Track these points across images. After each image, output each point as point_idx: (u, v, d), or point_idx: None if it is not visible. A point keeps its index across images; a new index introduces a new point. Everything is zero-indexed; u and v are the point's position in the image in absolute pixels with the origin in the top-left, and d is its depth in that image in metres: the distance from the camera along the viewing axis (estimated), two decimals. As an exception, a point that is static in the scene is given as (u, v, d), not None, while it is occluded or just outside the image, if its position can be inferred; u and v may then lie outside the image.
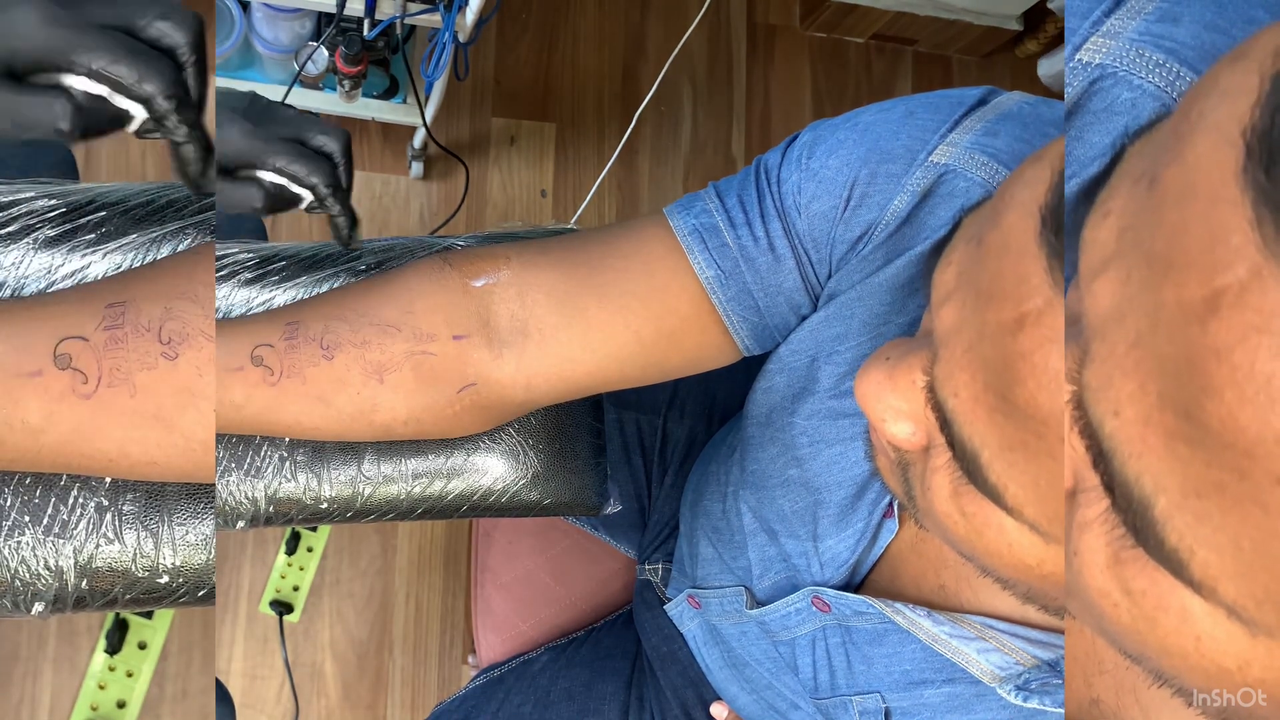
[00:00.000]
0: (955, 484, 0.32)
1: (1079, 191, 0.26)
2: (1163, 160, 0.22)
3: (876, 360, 0.34)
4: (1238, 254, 0.19)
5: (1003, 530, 0.31)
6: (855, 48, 1.79)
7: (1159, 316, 0.21)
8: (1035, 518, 0.29)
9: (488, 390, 0.52)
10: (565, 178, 1.61)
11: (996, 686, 0.45)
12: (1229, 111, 0.20)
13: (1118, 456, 0.23)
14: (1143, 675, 0.40)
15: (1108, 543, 0.24)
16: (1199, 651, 0.24)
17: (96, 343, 0.42)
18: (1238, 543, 0.20)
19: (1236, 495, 0.20)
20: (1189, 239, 0.20)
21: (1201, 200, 0.20)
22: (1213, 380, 0.20)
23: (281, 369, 0.49)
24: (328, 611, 1.39)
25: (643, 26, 1.69)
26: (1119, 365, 0.22)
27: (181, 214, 0.56)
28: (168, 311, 0.43)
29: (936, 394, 0.31)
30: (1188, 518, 0.21)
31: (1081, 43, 0.39)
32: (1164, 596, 0.23)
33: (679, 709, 0.76)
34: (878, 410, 0.34)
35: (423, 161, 1.49)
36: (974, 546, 0.33)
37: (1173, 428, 0.21)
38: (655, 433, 0.85)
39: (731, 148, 1.69)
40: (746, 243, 0.50)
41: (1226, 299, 0.19)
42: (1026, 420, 0.27)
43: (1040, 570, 0.31)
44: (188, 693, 1.30)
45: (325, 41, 1.20)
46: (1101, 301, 0.23)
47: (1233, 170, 0.20)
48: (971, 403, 0.29)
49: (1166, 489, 0.22)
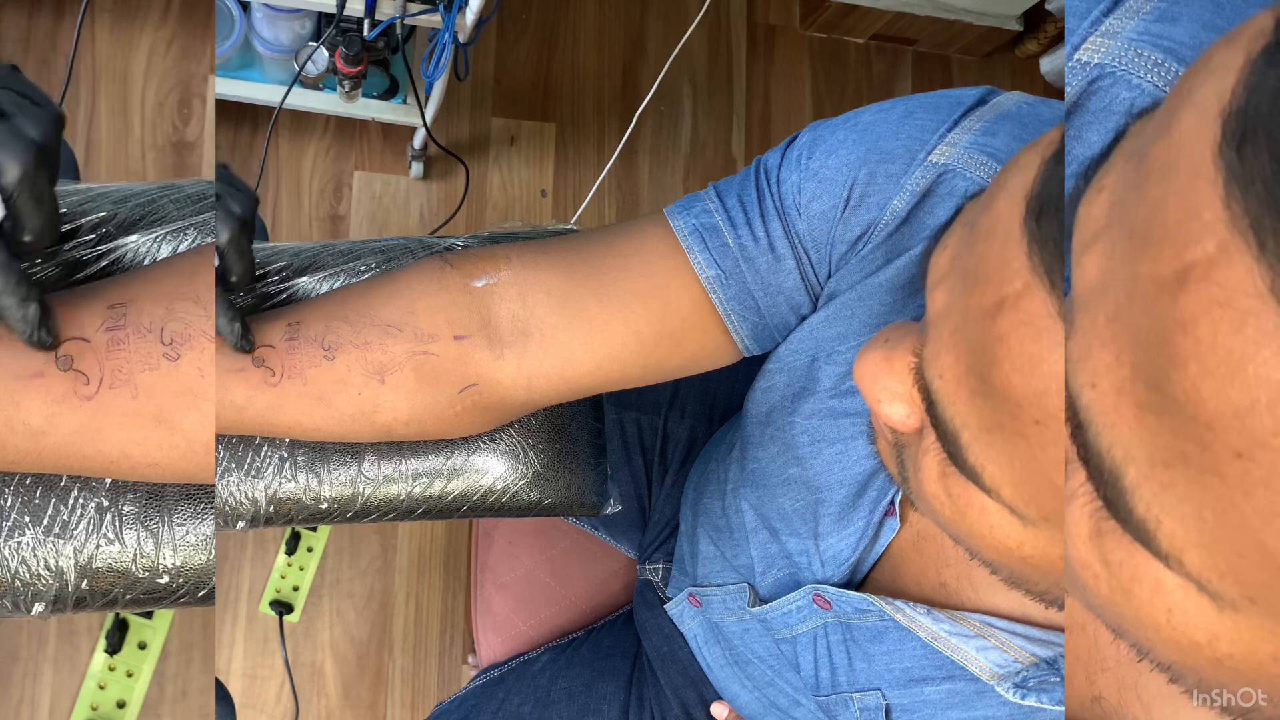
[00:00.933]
0: (943, 465, 0.33)
1: (1080, 171, 0.27)
2: (1152, 136, 0.23)
3: (875, 342, 0.35)
4: (1208, 229, 0.19)
5: (985, 511, 0.31)
6: (855, 48, 1.79)
7: (1135, 289, 0.21)
8: (1012, 499, 0.29)
9: (489, 390, 0.52)
10: (565, 178, 1.61)
11: (995, 684, 0.45)
12: (1214, 89, 0.21)
13: (1093, 427, 0.23)
14: (1144, 672, 0.40)
15: (1090, 514, 0.25)
16: (1170, 624, 0.24)
17: (98, 344, 0.42)
18: (1200, 513, 0.21)
19: (1199, 466, 0.20)
20: (1167, 214, 0.21)
21: (1181, 176, 0.21)
22: (1179, 352, 0.20)
23: (283, 370, 0.49)
24: (328, 611, 1.39)
25: (643, 26, 1.69)
26: (1098, 337, 0.23)
27: (182, 214, 0.56)
28: (169, 312, 0.43)
29: (924, 375, 0.31)
30: (1154, 487, 0.22)
31: (1080, 42, 0.39)
32: (1139, 568, 0.24)
33: (679, 709, 0.76)
34: (874, 391, 0.34)
35: (423, 161, 1.49)
36: (959, 528, 0.34)
37: (1143, 399, 0.21)
38: (656, 432, 0.86)
39: (731, 148, 1.69)
40: (747, 243, 0.50)
41: (1195, 273, 0.20)
42: (1002, 402, 0.27)
43: (1020, 553, 0.31)
44: (188, 693, 1.30)
45: (325, 41, 1.20)
46: (1088, 274, 0.24)
47: (1210, 147, 0.20)
48: (955, 384, 0.29)
49: (1135, 459, 0.22)
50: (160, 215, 0.55)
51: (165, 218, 0.55)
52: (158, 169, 1.43)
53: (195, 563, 0.55)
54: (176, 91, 1.45)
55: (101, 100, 1.42)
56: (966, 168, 0.45)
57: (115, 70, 1.43)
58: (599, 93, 1.65)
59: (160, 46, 1.45)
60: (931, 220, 0.46)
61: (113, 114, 1.42)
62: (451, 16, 1.09)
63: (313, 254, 0.60)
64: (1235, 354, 0.19)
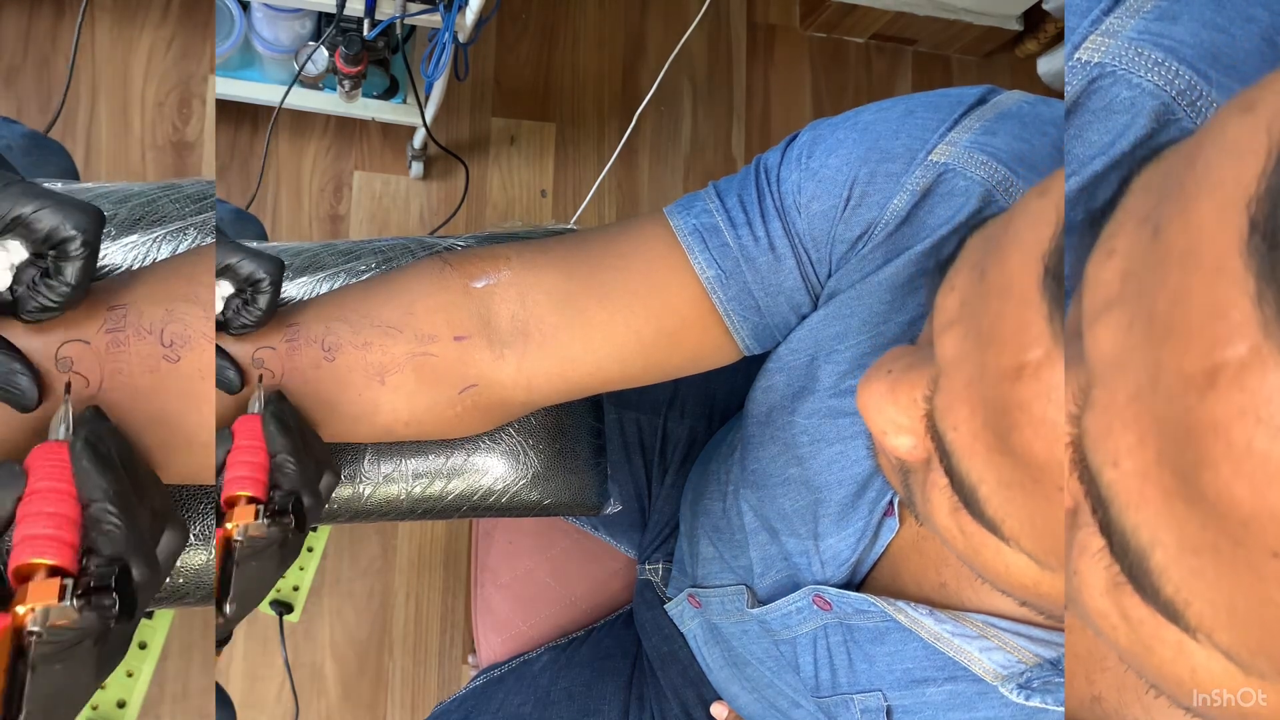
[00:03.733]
0: (954, 504, 0.32)
1: (1083, 220, 0.26)
2: (1167, 210, 0.22)
3: (878, 371, 0.34)
4: (1238, 331, 0.19)
5: (1000, 553, 0.31)
6: (855, 48, 1.79)
7: (1159, 378, 0.21)
8: (1033, 550, 0.29)
9: (489, 391, 0.52)
10: (565, 178, 1.61)
11: (999, 685, 0.45)
12: (1234, 174, 0.20)
13: (1115, 505, 0.23)
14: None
15: (1106, 568, 0.24)
16: (1194, 680, 0.24)
17: (98, 346, 0.42)
18: (1232, 602, 0.20)
19: (1232, 560, 0.20)
20: (1191, 307, 0.20)
21: (1205, 268, 0.20)
22: (1210, 453, 0.19)
23: (282, 371, 0.49)
24: (328, 611, 1.39)
25: (643, 26, 1.69)
26: (1119, 416, 0.22)
27: (182, 214, 0.56)
28: (169, 314, 0.43)
29: (936, 424, 0.31)
30: (1184, 572, 0.21)
31: (1080, 41, 0.39)
32: (1161, 629, 0.23)
33: (679, 709, 0.76)
34: (878, 423, 0.34)
35: (423, 161, 1.49)
36: (972, 561, 0.33)
37: (1170, 486, 0.21)
38: (655, 432, 0.85)
39: (731, 147, 1.69)
40: (747, 242, 0.50)
41: (1225, 376, 0.19)
42: (1023, 464, 0.27)
43: (1037, 590, 0.31)
44: (188, 693, 1.30)
45: (325, 41, 1.20)
46: (1103, 346, 0.23)
47: (1237, 241, 0.19)
48: (970, 438, 0.29)
49: (1163, 543, 0.22)
50: (160, 215, 0.55)
51: (165, 218, 0.55)
52: (157, 169, 1.43)
53: (195, 563, 0.54)
54: (176, 91, 1.45)
55: (101, 100, 1.42)
56: (967, 167, 0.45)
57: (115, 70, 1.43)
58: (599, 92, 1.65)
59: (160, 46, 1.45)
60: (931, 219, 0.46)
61: (113, 114, 1.42)
62: (451, 16, 1.08)
63: (313, 254, 0.60)
64: (1273, 461, 0.18)
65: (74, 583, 0.31)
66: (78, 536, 0.32)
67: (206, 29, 1.46)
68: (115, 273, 0.53)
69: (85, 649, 0.31)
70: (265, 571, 0.40)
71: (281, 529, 0.40)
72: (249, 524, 0.39)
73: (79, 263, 0.39)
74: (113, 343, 0.42)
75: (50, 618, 0.30)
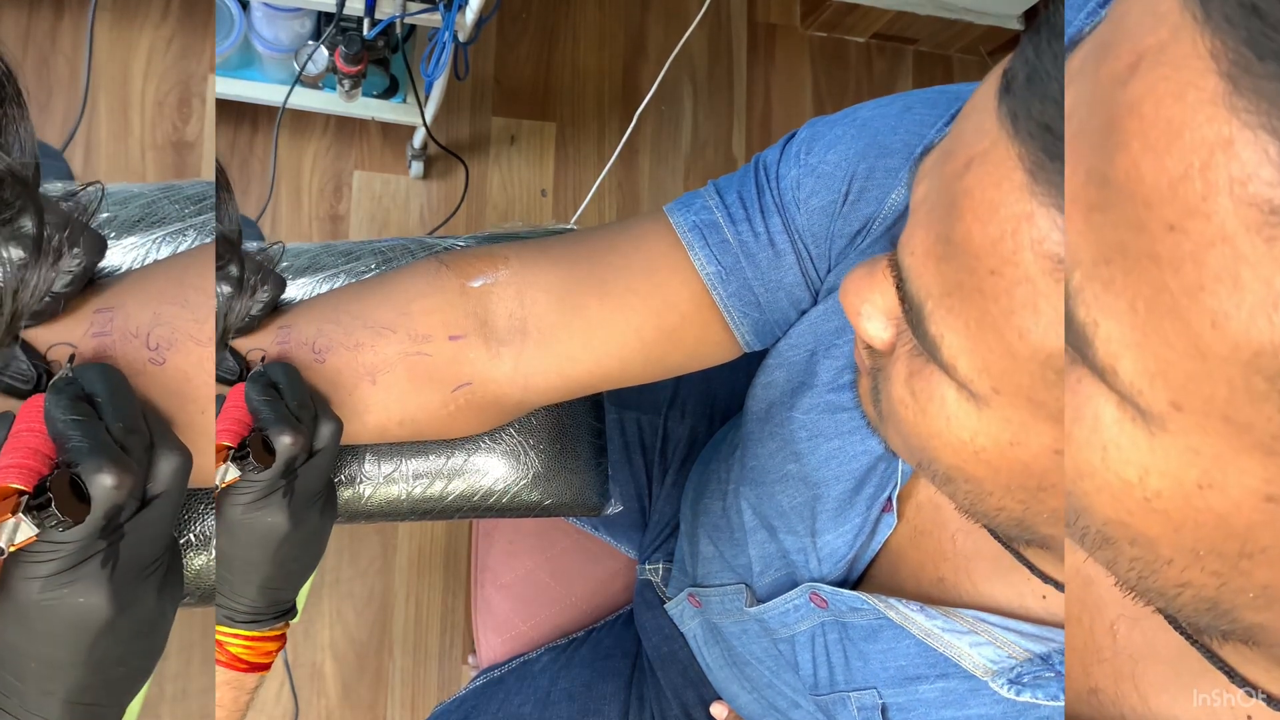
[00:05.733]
0: (910, 367, 0.33)
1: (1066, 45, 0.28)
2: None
3: (861, 264, 0.36)
4: (1163, 19, 0.20)
5: (944, 403, 0.32)
6: (856, 47, 1.79)
7: (1096, 94, 0.22)
8: (967, 371, 0.30)
9: (484, 389, 0.52)
10: (565, 177, 1.61)
11: (989, 680, 0.45)
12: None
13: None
14: (1141, 661, 0.40)
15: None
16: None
17: (85, 349, 0.42)
18: (1134, 305, 0.22)
19: (1135, 252, 0.21)
20: (1129, 18, 0.22)
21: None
22: (1125, 134, 0.21)
23: None
24: (328, 611, 1.39)
25: (643, 26, 1.69)
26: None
27: (181, 215, 0.56)
28: (156, 317, 0.43)
29: (899, 259, 0.32)
30: (1096, 287, 0.23)
31: (1077, 35, 0.39)
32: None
33: (679, 709, 0.76)
34: (855, 304, 0.35)
35: (423, 161, 1.49)
36: (919, 428, 0.34)
37: (1093, 199, 0.22)
38: (656, 432, 0.85)
39: (732, 147, 1.69)
40: (747, 239, 0.50)
41: (1147, 59, 0.21)
42: (962, 258, 0.28)
43: (974, 446, 0.32)
44: (188, 693, 1.30)
45: (325, 41, 1.20)
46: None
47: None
48: (923, 256, 0.30)
49: (1081, 262, 0.23)
50: (160, 217, 0.55)
51: (165, 219, 0.55)
52: (157, 168, 1.43)
53: (195, 563, 0.54)
54: (176, 91, 1.45)
55: (101, 100, 1.42)
56: (965, 164, 0.45)
57: (115, 70, 1.43)
58: (599, 92, 1.65)
59: (160, 46, 1.45)
60: (931, 217, 0.46)
61: (113, 113, 1.42)
62: (451, 15, 1.08)
63: (313, 255, 0.60)
64: (1175, 121, 0.20)
65: (27, 499, 0.33)
66: (44, 464, 0.35)
67: (206, 28, 1.46)
68: (114, 274, 0.53)
69: (91, 569, 0.35)
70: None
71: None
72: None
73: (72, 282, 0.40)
74: (99, 346, 0.42)
75: (12, 533, 0.33)
